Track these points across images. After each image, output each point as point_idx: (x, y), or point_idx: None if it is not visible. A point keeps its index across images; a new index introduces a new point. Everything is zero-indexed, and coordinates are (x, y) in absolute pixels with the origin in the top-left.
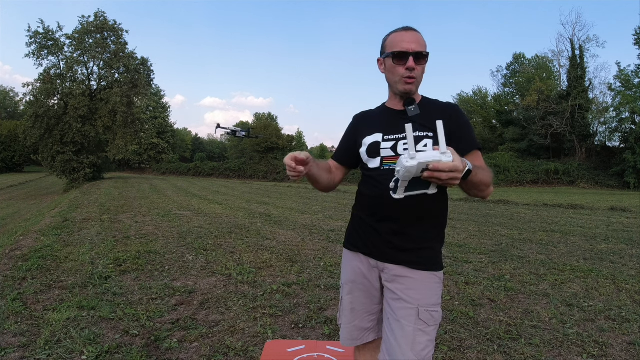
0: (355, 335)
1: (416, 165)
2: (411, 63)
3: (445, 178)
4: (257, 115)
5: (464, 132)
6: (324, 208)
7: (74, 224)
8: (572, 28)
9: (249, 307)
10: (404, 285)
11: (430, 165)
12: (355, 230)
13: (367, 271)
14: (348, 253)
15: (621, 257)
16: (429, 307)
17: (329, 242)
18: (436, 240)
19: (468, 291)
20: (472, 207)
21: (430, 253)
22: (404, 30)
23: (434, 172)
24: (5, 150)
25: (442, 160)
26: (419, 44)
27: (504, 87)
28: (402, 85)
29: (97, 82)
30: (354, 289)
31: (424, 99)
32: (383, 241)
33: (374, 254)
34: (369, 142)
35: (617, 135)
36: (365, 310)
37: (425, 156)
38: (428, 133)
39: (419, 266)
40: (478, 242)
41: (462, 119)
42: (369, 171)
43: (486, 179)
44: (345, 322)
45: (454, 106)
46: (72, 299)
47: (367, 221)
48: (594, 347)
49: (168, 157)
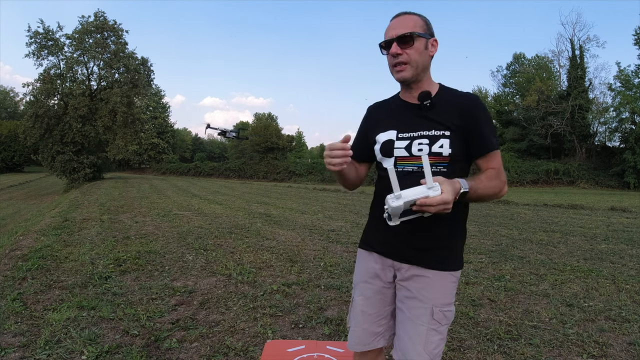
0: (365, 340)
1: (402, 205)
2: (393, 49)
3: (434, 211)
4: (257, 115)
5: (481, 130)
6: (324, 208)
7: (74, 224)
8: (572, 28)
9: (249, 307)
10: (420, 284)
11: (418, 202)
12: (371, 230)
13: (381, 271)
14: (363, 252)
15: (621, 257)
16: (443, 307)
17: (329, 242)
18: (455, 238)
19: (468, 291)
20: (472, 207)
21: (447, 252)
22: (393, 18)
23: (421, 207)
24: (5, 150)
25: (430, 195)
26: (404, 26)
27: (504, 87)
28: (394, 74)
29: (97, 82)
30: (366, 290)
31: (441, 89)
32: (399, 240)
33: (390, 253)
34: (383, 139)
35: (617, 135)
36: (377, 314)
37: (410, 194)
38: (444, 132)
39: (435, 265)
40: (478, 242)
41: (481, 114)
42: (384, 171)
43: (489, 190)
44: (354, 325)
45: (473, 99)
46: (72, 299)
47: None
48: (594, 347)
49: (168, 157)
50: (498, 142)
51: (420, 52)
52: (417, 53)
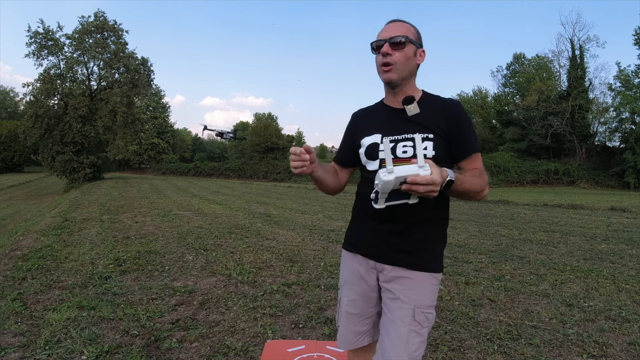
0: (350, 339)
1: (393, 180)
2: (385, 49)
3: (423, 191)
4: (257, 115)
5: (464, 133)
6: (324, 208)
7: (74, 224)
8: (572, 28)
9: (249, 307)
10: (402, 285)
11: (408, 178)
12: (355, 231)
13: (365, 273)
14: (347, 254)
15: (621, 257)
16: (425, 309)
17: (329, 242)
18: (437, 241)
19: (468, 291)
20: (472, 207)
21: (430, 254)
22: (388, 23)
23: (411, 185)
24: (5, 150)
25: (420, 174)
26: (396, 31)
27: (504, 87)
28: (381, 74)
29: (97, 82)
30: (351, 292)
31: (424, 95)
32: (382, 242)
33: (373, 255)
34: (368, 143)
35: (617, 136)
36: (361, 314)
37: (402, 170)
38: (428, 135)
39: (417, 267)
40: (478, 242)
41: (463, 118)
42: (368, 173)
43: (474, 186)
44: (341, 325)
45: (455, 105)
46: (72, 299)
47: (368, 222)
48: (594, 347)
49: (168, 157)
50: (479, 146)
51: (409, 57)
52: (406, 58)
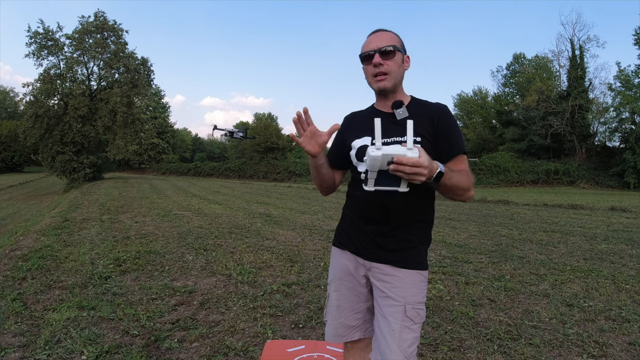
0: (340, 332)
1: (381, 156)
2: (376, 59)
3: (409, 172)
4: (257, 115)
5: (450, 135)
6: (324, 208)
7: (74, 224)
8: (572, 28)
9: (249, 307)
10: (391, 283)
11: (394, 158)
12: (344, 230)
13: (354, 269)
14: (336, 250)
15: (621, 257)
16: (415, 305)
17: (329, 242)
18: (421, 242)
19: (468, 291)
20: (472, 207)
21: (416, 253)
22: (371, 34)
23: (398, 165)
24: (5, 150)
25: (407, 155)
26: (383, 41)
27: (504, 87)
28: (374, 83)
29: (97, 82)
30: (341, 286)
31: (413, 100)
32: (370, 241)
33: (362, 253)
34: (358, 145)
35: (617, 135)
36: (351, 308)
37: (390, 149)
38: (416, 137)
39: (405, 265)
40: (478, 242)
41: (450, 121)
42: (358, 174)
43: (462, 183)
44: (331, 319)
45: (442, 108)
46: (72, 299)
47: (356, 222)
48: (594, 347)
49: (168, 157)
50: (466, 148)
51: (399, 64)
52: (396, 65)
